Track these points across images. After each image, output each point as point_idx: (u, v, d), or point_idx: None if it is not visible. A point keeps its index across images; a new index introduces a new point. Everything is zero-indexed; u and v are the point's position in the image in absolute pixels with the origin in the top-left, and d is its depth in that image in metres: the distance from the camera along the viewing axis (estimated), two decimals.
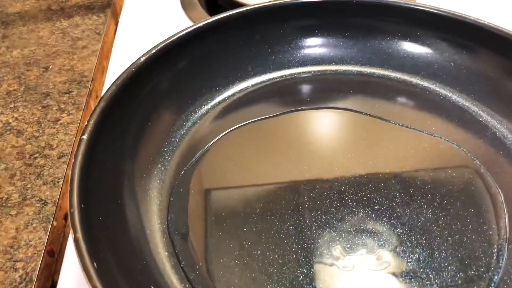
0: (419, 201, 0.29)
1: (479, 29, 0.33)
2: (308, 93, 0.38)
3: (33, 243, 0.27)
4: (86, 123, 0.26)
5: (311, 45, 0.38)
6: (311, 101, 0.36)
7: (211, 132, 0.33)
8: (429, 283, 0.25)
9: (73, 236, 0.21)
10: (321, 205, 0.29)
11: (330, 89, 0.37)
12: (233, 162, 0.31)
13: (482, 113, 0.34)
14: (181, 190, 0.30)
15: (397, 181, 0.30)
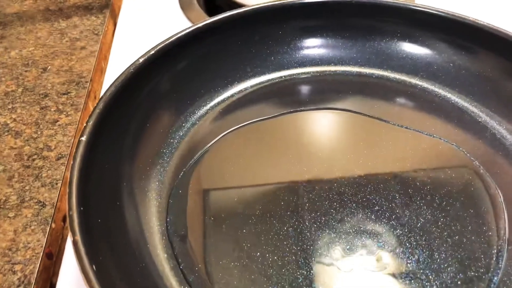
0: (418, 202, 0.29)
1: (478, 30, 0.33)
2: (307, 94, 0.38)
3: (31, 246, 0.27)
4: (84, 125, 0.26)
5: (310, 46, 0.38)
6: (310, 102, 0.36)
7: (210, 133, 0.33)
8: (429, 284, 0.25)
9: (72, 238, 0.21)
10: (320, 206, 0.28)
11: (329, 89, 0.37)
12: (232, 163, 0.31)
13: (481, 113, 0.34)
14: (180, 191, 0.30)
15: (396, 182, 0.30)
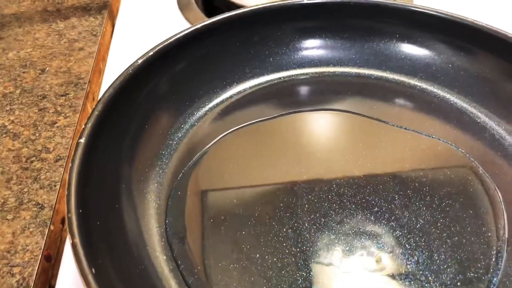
0: (417, 203, 0.29)
1: (477, 31, 0.34)
2: (306, 95, 0.38)
3: (30, 248, 0.27)
4: (83, 127, 0.25)
5: (309, 47, 0.38)
6: (309, 103, 0.36)
7: (209, 134, 0.33)
8: (428, 285, 0.25)
9: (70, 241, 0.21)
10: (319, 207, 0.28)
11: (328, 91, 0.37)
12: (231, 164, 0.31)
13: (480, 114, 0.34)
14: (179, 193, 0.29)
15: (395, 183, 0.30)
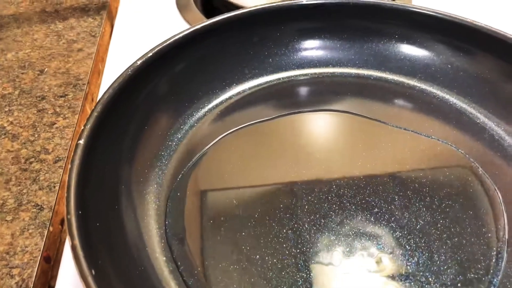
0: (417, 204, 0.29)
1: (476, 32, 0.34)
2: (305, 96, 0.38)
3: (29, 249, 0.27)
4: (82, 128, 0.25)
5: (309, 48, 0.38)
6: (309, 104, 0.36)
7: (209, 135, 0.33)
8: (429, 286, 0.25)
9: (70, 243, 0.20)
10: (319, 208, 0.28)
11: (327, 91, 0.37)
12: (231, 165, 0.31)
13: (479, 115, 0.34)
14: (179, 194, 0.29)
15: (395, 183, 0.30)
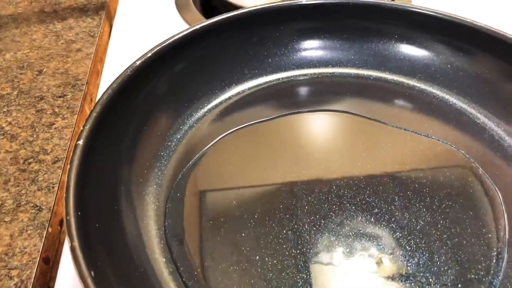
0: (417, 205, 0.29)
1: (476, 32, 0.34)
2: (305, 96, 0.37)
3: (28, 250, 0.27)
4: (81, 128, 0.25)
5: (308, 48, 0.38)
6: (308, 104, 0.36)
7: (208, 135, 0.33)
8: (429, 287, 0.25)
9: (69, 244, 0.20)
10: (319, 209, 0.28)
11: (327, 91, 0.37)
12: (230, 165, 0.31)
13: (479, 115, 0.34)
14: (178, 194, 0.29)
15: (395, 184, 0.30)
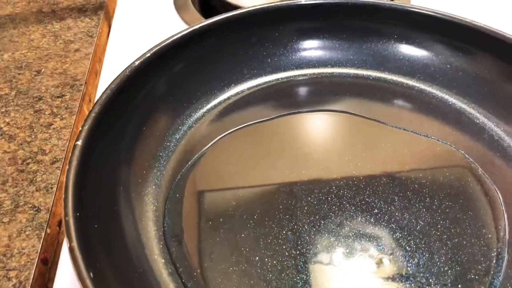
0: (417, 205, 0.28)
1: (475, 32, 0.34)
2: (304, 96, 0.37)
3: (26, 251, 0.27)
4: (80, 129, 0.25)
5: (307, 48, 0.38)
6: (308, 104, 0.36)
7: (207, 135, 0.33)
8: None
9: (68, 245, 0.20)
10: (319, 209, 0.28)
11: (326, 91, 0.37)
12: (229, 166, 0.31)
13: (478, 115, 0.34)
14: (177, 195, 0.29)
15: (395, 184, 0.30)
